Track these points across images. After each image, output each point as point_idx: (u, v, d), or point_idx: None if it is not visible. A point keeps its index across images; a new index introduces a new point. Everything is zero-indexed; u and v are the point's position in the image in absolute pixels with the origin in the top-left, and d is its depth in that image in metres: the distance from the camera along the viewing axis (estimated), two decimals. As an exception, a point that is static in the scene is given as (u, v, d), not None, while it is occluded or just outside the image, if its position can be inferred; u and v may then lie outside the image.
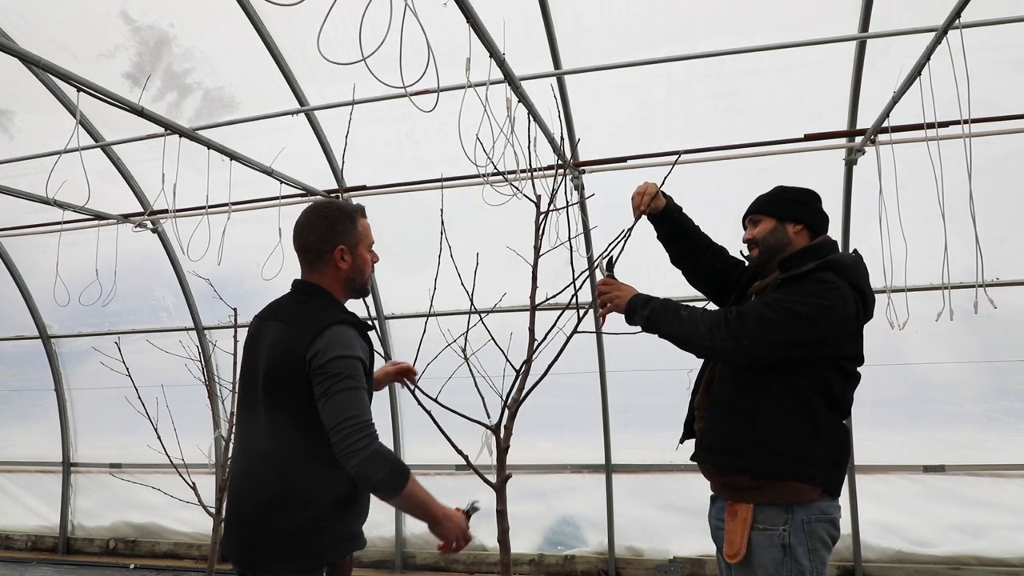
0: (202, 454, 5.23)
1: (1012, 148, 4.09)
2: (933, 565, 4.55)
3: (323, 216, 1.98)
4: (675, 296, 5.39)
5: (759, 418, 2.07)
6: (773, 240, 2.26)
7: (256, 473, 1.87)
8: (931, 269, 3.35)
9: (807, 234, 2.25)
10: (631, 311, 2.23)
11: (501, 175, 3.12)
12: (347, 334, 1.85)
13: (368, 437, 1.74)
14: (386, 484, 1.77)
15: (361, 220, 2.04)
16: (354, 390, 1.77)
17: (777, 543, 2.00)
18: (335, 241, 1.96)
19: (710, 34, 4.01)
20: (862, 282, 2.08)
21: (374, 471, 1.73)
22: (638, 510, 5.17)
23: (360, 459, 1.71)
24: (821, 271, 2.05)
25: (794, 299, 2.01)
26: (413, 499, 1.83)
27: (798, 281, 2.07)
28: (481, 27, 2.64)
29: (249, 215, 5.01)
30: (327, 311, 1.91)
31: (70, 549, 6.38)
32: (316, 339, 1.81)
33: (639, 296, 2.25)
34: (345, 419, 1.73)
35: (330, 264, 1.97)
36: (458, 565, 5.40)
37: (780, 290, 2.08)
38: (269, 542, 1.80)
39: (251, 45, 4.34)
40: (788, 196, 2.29)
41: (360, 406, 1.77)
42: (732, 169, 4.46)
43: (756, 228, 2.31)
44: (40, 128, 5.05)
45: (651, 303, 2.21)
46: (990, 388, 4.64)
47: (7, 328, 6.64)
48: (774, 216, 2.27)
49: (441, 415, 2.70)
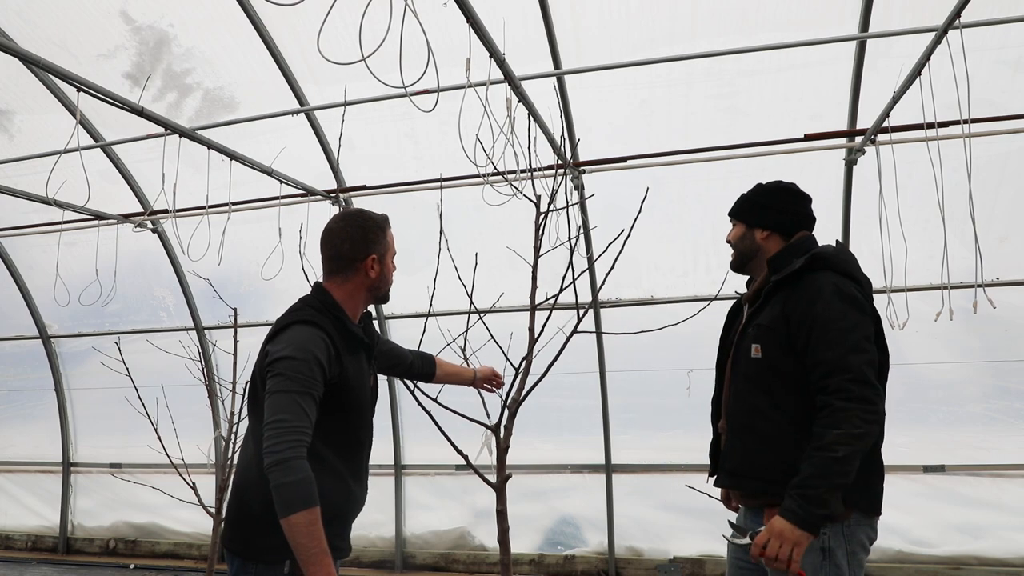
0: (202, 454, 5.23)
1: (1012, 148, 4.09)
2: (933, 565, 4.55)
3: (357, 225, 2.00)
4: (673, 295, 5.38)
5: (779, 442, 1.99)
6: (743, 246, 2.28)
7: (238, 463, 1.97)
8: (931, 269, 3.36)
9: (777, 237, 2.21)
10: (815, 526, 1.84)
11: (501, 175, 3.12)
12: (305, 334, 1.83)
13: (287, 442, 1.69)
14: (278, 497, 1.66)
15: (389, 231, 2.08)
16: (291, 392, 1.74)
17: (816, 547, 1.92)
18: (368, 250, 1.98)
19: (710, 34, 4.01)
20: (850, 268, 2.05)
21: (275, 477, 1.67)
22: (638, 510, 5.17)
23: (270, 460, 1.68)
24: (811, 268, 2.03)
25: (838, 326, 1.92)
26: (297, 535, 1.65)
27: (792, 283, 2.05)
28: (481, 27, 2.63)
29: (249, 215, 5.01)
30: (302, 311, 1.91)
31: (70, 549, 6.38)
32: (274, 338, 1.85)
33: (800, 513, 1.83)
34: (275, 420, 1.71)
35: (359, 272, 1.99)
36: (458, 565, 5.40)
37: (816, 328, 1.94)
38: (237, 527, 1.87)
39: (251, 45, 4.34)
40: (756, 200, 2.26)
41: (293, 410, 1.72)
42: (733, 169, 4.46)
43: (731, 232, 2.33)
44: (40, 128, 5.06)
45: (811, 504, 1.82)
46: (990, 388, 4.64)
47: (7, 328, 6.64)
48: (744, 221, 2.27)
49: (441, 415, 2.70)
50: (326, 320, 1.91)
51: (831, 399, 1.87)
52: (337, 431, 1.90)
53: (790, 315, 2.00)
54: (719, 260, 4.82)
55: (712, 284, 4.76)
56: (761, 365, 2.05)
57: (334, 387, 1.85)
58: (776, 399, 2.02)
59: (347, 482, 1.94)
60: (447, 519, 5.50)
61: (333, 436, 1.88)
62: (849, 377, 1.86)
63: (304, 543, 1.66)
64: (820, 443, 1.84)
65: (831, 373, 1.89)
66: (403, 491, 5.57)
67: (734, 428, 2.15)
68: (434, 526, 5.51)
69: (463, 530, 5.44)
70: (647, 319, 4.98)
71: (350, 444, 1.96)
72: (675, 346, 4.86)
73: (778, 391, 2.02)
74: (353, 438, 1.97)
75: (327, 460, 1.85)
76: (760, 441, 2.04)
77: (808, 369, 1.96)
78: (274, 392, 1.75)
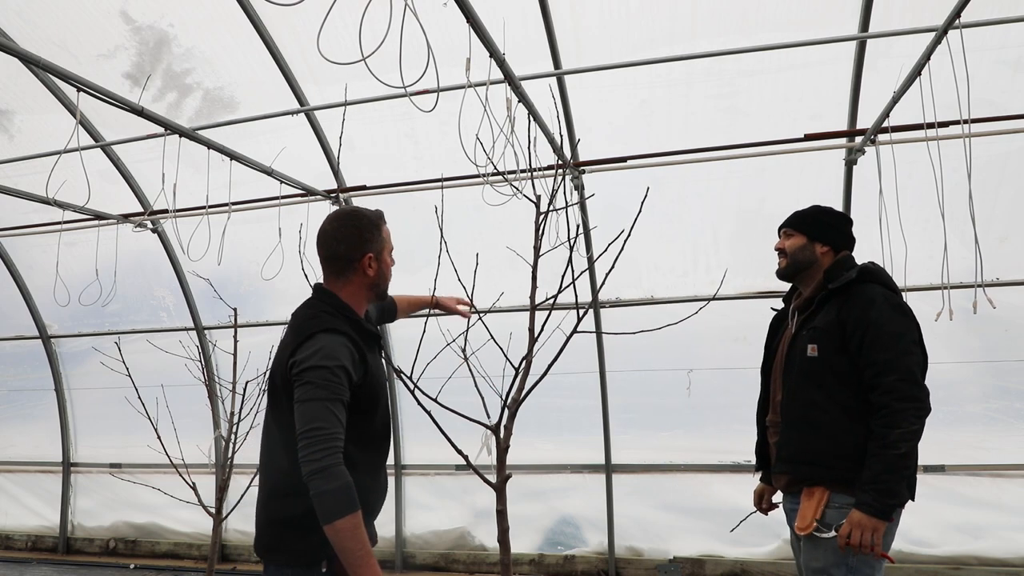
0: (202, 454, 5.24)
1: (1012, 148, 4.09)
2: (933, 565, 4.55)
3: (351, 225, 2.00)
4: (673, 295, 5.39)
5: (833, 430, 2.25)
6: (801, 256, 2.49)
7: (264, 468, 1.96)
8: (931, 269, 3.36)
9: (831, 253, 2.48)
10: (888, 514, 2.10)
11: (501, 175, 3.12)
12: (332, 343, 1.85)
13: (324, 450, 1.72)
14: (321, 505, 1.70)
15: (384, 227, 2.07)
16: (323, 401, 1.77)
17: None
18: (364, 249, 1.99)
19: (710, 34, 4.01)
20: (892, 283, 2.36)
21: (316, 486, 1.70)
22: (638, 510, 5.17)
23: (310, 469, 1.71)
24: (861, 280, 2.31)
25: (890, 331, 2.20)
26: (343, 540, 1.69)
27: (844, 293, 2.32)
28: (481, 27, 2.63)
29: (249, 215, 5.01)
30: (320, 319, 1.91)
31: (70, 549, 6.38)
32: (300, 347, 1.84)
33: (876, 505, 2.09)
34: (309, 429, 1.74)
35: (357, 271, 2.00)
36: (458, 565, 5.40)
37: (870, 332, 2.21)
38: (271, 532, 1.88)
39: (251, 45, 4.34)
40: (822, 219, 2.51)
41: (327, 418, 1.75)
42: (733, 169, 4.46)
43: (788, 241, 2.54)
44: (40, 128, 5.06)
45: (884, 496, 2.09)
46: (990, 388, 4.64)
47: (7, 328, 6.64)
48: (806, 234, 2.50)
49: (441, 415, 2.69)
50: (345, 324, 1.93)
51: (887, 399, 2.13)
52: (363, 428, 1.93)
53: (845, 320, 2.26)
54: (719, 260, 4.82)
55: (712, 284, 4.76)
56: (816, 363, 2.30)
57: (359, 388, 1.89)
58: (830, 393, 2.27)
59: (373, 475, 2.00)
60: (447, 519, 5.50)
61: (360, 433, 1.91)
62: (899, 377, 2.13)
63: (350, 546, 1.70)
64: (884, 441, 2.10)
65: (883, 372, 2.15)
66: (403, 491, 5.57)
67: (790, 420, 2.38)
68: (434, 526, 5.51)
69: (463, 530, 5.44)
70: (647, 319, 4.98)
71: (375, 439, 2.01)
72: (675, 346, 4.87)
73: (832, 386, 2.27)
74: (378, 432, 2.02)
75: (354, 456, 1.87)
76: (815, 430, 2.28)
77: (861, 368, 2.22)
78: (306, 401, 1.77)
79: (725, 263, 4.75)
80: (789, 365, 2.44)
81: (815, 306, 2.40)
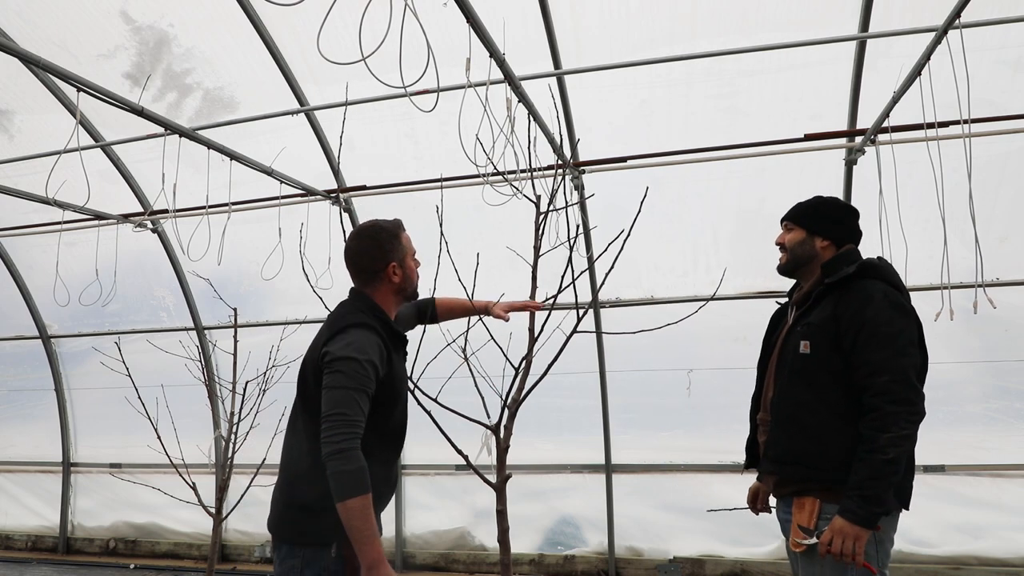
0: (202, 454, 5.24)
1: (1012, 148, 4.09)
2: (933, 565, 4.55)
3: (371, 237, 2.16)
4: (673, 295, 5.39)
5: (822, 432, 2.15)
6: (801, 251, 2.40)
7: (285, 452, 2.10)
8: (931, 269, 3.35)
9: (833, 247, 2.37)
10: (872, 522, 2.00)
11: (501, 175, 3.12)
12: (363, 338, 1.97)
13: (345, 434, 1.84)
14: (336, 483, 1.81)
15: (403, 234, 2.23)
16: (348, 389, 1.89)
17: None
18: (387, 259, 2.15)
19: (710, 34, 4.01)
20: (896, 279, 2.23)
21: (333, 466, 1.82)
22: (638, 510, 5.17)
23: (329, 450, 1.83)
24: (861, 276, 2.19)
25: (887, 330, 2.09)
26: (352, 518, 1.81)
27: (842, 288, 2.21)
28: (481, 27, 2.63)
29: (249, 215, 5.01)
30: (355, 315, 2.05)
31: (70, 549, 6.38)
32: (333, 338, 1.97)
33: (860, 512, 2.00)
34: (334, 413, 1.86)
35: (384, 280, 2.16)
36: (458, 565, 5.40)
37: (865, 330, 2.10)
38: (288, 514, 2.00)
39: (251, 45, 4.34)
40: (823, 212, 2.40)
41: (350, 405, 1.87)
42: (732, 169, 4.46)
43: (788, 235, 2.45)
44: (40, 128, 5.06)
45: (869, 503, 1.99)
46: (990, 388, 4.64)
47: (7, 328, 6.64)
48: (805, 228, 2.40)
49: (441, 415, 2.70)
50: (377, 323, 2.08)
51: (878, 401, 2.02)
52: (382, 421, 2.05)
53: (840, 316, 2.15)
54: (719, 260, 4.82)
55: (711, 284, 4.76)
56: (808, 360, 2.21)
57: (383, 384, 2.01)
58: (821, 393, 2.17)
59: (386, 468, 2.11)
60: (447, 519, 5.50)
61: (378, 425, 2.02)
62: (892, 378, 2.03)
63: (358, 525, 1.82)
64: (873, 446, 2.00)
65: (876, 373, 2.05)
66: (403, 491, 5.57)
67: (778, 419, 2.29)
68: (434, 526, 5.51)
69: (463, 530, 5.44)
70: (647, 319, 4.98)
71: (391, 433, 2.13)
72: (675, 346, 4.87)
73: (823, 385, 2.17)
74: (395, 428, 2.14)
75: (371, 446, 1.96)
76: (804, 430, 2.19)
77: (854, 368, 2.11)
78: (333, 388, 1.89)
79: (725, 263, 4.75)
80: (782, 362, 2.35)
81: (812, 301, 2.30)
